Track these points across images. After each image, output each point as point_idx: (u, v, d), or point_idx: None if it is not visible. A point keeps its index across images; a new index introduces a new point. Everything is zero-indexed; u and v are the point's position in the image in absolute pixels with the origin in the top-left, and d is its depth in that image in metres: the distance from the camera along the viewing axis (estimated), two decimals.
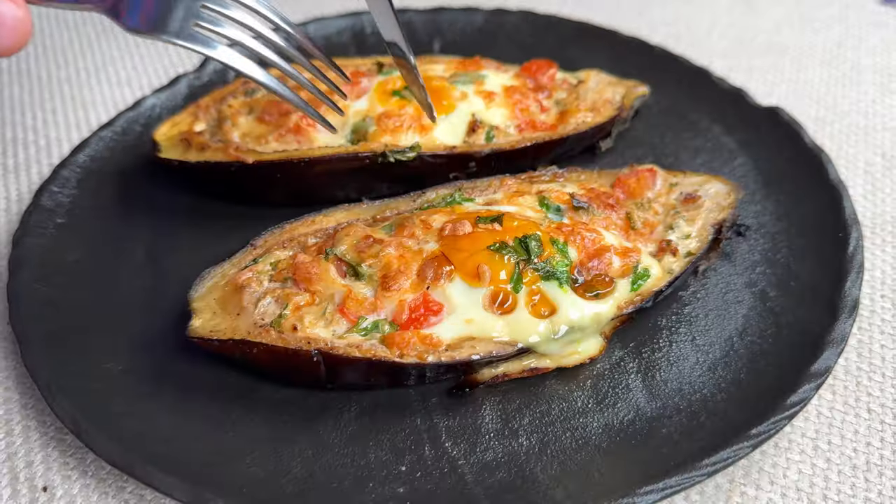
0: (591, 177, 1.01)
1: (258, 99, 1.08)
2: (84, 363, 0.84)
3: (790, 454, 0.80)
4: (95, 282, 0.93)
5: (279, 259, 0.88)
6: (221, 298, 0.85)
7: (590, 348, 0.85)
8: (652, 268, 0.88)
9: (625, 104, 1.10)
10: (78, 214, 1.00)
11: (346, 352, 0.78)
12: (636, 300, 0.86)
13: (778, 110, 1.11)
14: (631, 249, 0.89)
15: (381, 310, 0.81)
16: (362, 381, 0.81)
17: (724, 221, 0.95)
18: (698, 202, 0.96)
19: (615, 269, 0.86)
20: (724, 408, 0.80)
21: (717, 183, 0.99)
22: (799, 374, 0.81)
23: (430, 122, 1.01)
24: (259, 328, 0.80)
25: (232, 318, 0.82)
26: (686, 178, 1.01)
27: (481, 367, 0.82)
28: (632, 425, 0.80)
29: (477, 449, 0.78)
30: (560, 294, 0.83)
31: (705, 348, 0.87)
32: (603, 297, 0.85)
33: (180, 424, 0.79)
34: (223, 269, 0.88)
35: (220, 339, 0.80)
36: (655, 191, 0.99)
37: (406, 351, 0.78)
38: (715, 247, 0.95)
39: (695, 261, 0.91)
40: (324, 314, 0.81)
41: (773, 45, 1.39)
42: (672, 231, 0.93)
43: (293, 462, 0.77)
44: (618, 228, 0.92)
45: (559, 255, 0.84)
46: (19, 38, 0.66)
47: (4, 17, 0.65)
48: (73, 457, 0.80)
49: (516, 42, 1.30)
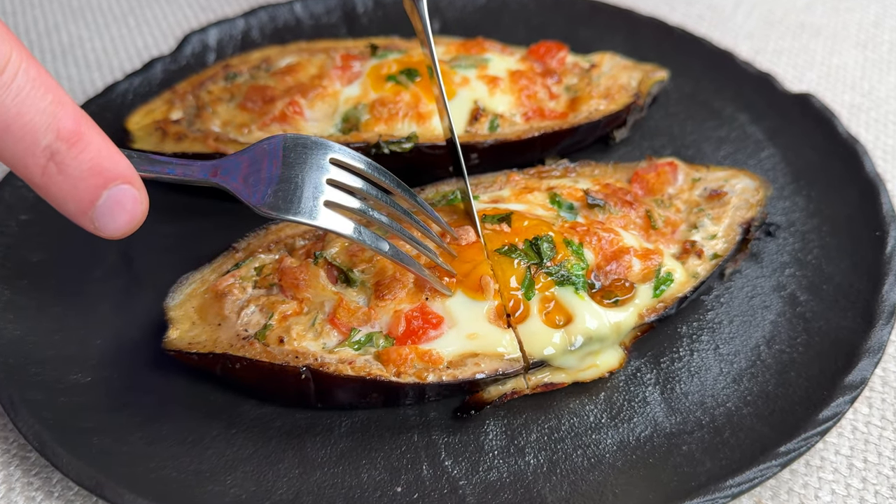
0: (606, 171, 1.00)
1: (239, 84, 1.08)
2: (49, 374, 0.83)
3: (822, 473, 0.80)
4: (62, 285, 0.92)
5: (264, 263, 0.88)
6: (201, 307, 0.84)
7: (609, 361, 0.84)
8: (675, 271, 0.88)
9: (641, 90, 1.10)
10: (43, 210, 0.99)
11: (338, 369, 0.77)
12: (659, 307, 0.85)
13: (809, 97, 1.11)
14: (652, 251, 0.88)
15: (375, 321, 0.81)
16: (355, 400, 0.81)
17: (753, 220, 0.94)
18: (724, 199, 0.96)
19: (636, 273, 0.86)
20: (750, 423, 0.80)
21: (745, 178, 0.99)
22: (832, 385, 0.81)
23: (427, 109, 1.01)
24: (242, 340, 0.80)
25: (212, 329, 0.82)
26: (710, 172, 1.00)
27: (488, 384, 0.81)
28: (649, 442, 0.80)
29: (479, 468, 0.78)
30: (576, 301, 0.82)
31: (730, 358, 0.87)
32: (623, 304, 0.84)
33: (154, 441, 0.79)
34: (203, 275, 0.88)
35: (200, 353, 0.80)
36: (677, 186, 0.98)
37: (403, 369, 0.78)
38: (743, 248, 0.94)
39: (722, 263, 0.91)
40: (313, 325, 0.81)
41: (803, 26, 1.38)
42: (696, 231, 0.93)
43: (278, 482, 0.76)
44: (637, 228, 0.91)
45: (574, 257, 0.84)
46: (135, 222, 0.68)
47: (125, 199, 0.66)
48: (38, 476, 0.80)
49: (523, 22, 1.29)
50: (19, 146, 0.62)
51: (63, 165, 0.63)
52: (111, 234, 0.68)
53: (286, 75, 1.07)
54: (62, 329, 0.88)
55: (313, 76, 1.06)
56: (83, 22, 1.41)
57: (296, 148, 0.76)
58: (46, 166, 0.63)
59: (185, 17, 1.43)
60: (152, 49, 1.35)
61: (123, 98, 1.14)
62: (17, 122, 0.61)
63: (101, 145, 0.65)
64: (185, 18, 1.43)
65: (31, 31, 1.38)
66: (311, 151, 0.76)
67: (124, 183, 0.67)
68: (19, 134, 0.62)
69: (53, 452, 0.75)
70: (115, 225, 0.67)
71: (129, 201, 0.67)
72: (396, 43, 1.17)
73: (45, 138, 0.62)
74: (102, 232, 0.68)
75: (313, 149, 0.77)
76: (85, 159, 0.64)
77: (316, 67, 1.08)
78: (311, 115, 1.03)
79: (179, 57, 1.19)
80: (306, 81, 1.06)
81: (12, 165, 0.64)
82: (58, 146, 0.63)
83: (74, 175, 0.64)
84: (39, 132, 0.62)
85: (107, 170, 0.65)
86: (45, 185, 0.64)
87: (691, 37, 1.23)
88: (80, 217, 0.67)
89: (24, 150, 0.62)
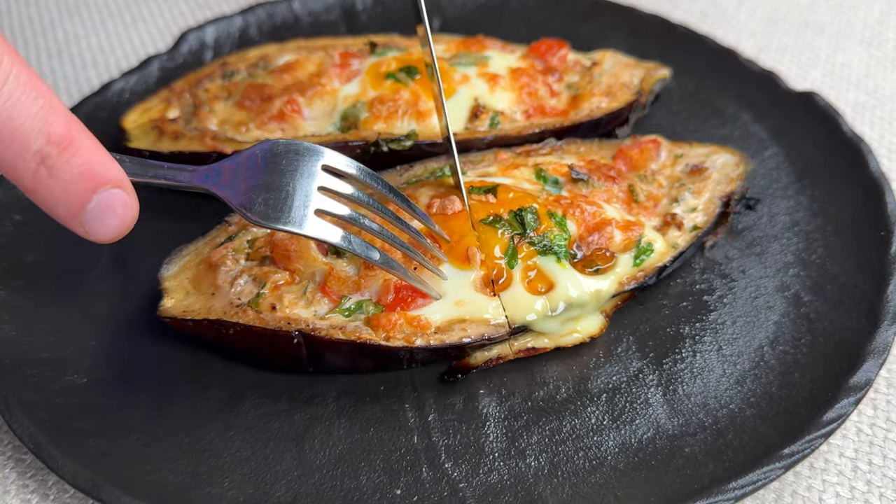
0: (591, 148, 1.03)
1: (237, 83, 1.08)
2: (45, 375, 0.83)
3: (827, 476, 0.80)
4: (56, 285, 0.93)
5: (256, 236, 0.90)
6: (195, 277, 0.87)
7: (590, 327, 0.87)
8: (656, 242, 0.91)
9: (644, 88, 1.10)
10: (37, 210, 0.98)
11: (329, 334, 0.80)
12: (639, 276, 0.89)
13: (813, 95, 1.11)
14: (633, 223, 0.92)
15: (364, 289, 0.84)
16: (346, 364, 0.83)
17: (733, 194, 0.97)
18: (705, 174, 0.99)
19: (617, 243, 0.90)
20: (753, 425, 0.80)
21: (725, 153, 1.02)
22: (836, 387, 0.81)
23: (427, 106, 1.01)
24: (235, 308, 0.83)
25: (206, 298, 0.84)
26: (692, 148, 1.03)
27: (474, 350, 0.84)
28: (651, 444, 0.80)
29: (480, 470, 0.78)
30: (558, 269, 0.85)
31: (733, 359, 0.87)
32: (604, 272, 0.88)
33: (151, 443, 0.79)
34: (196, 247, 0.91)
35: (195, 320, 0.82)
36: (660, 162, 1.02)
37: (392, 334, 0.81)
38: (723, 221, 0.97)
39: (701, 235, 0.94)
40: (304, 293, 0.83)
41: (807, 23, 1.39)
42: (677, 204, 0.96)
43: (276, 485, 0.76)
44: (619, 202, 0.95)
45: (557, 228, 0.87)
46: (126, 227, 0.69)
47: (115, 203, 0.67)
48: (33, 479, 0.80)
49: (524, 19, 1.29)
50: (9, 150, 0.63)
51: (54, 170, 0.64)
52: (101, 238, 0.68)
53: (284, 73, 1.07)
54: (58, 330, 0.88)
55: (312, 74, 1.06)
56: (79, 19, 1.41)
57: (287, 154, 0.77)
58: (37, 170, 0.64)
59: (181, 15, 1.44)
60: (149, 47, 1.36)
61: (119, 97, 1.14)
62: (8, 127, 0.62)
63: (91, 150, 0.66)
64: (182, 16, 1.43)
65: (26, 30, 1.38)
66: (303, 158, 0.77)
67: (115, 187, 0.67)
68: (9, 138, 0.62)
69: (49, 454, 0.75)
70: (106, 229, 0.68)
71: (120, 205, 0.68)
72: (396, 41, 1.17)
73: (35, 142, 0.63)
74: (93, 236, 0.68)
75: (305, 155, 0.78)
76: (76, 164, 0.64)
77: (314, 65, 1.08)
78: (310, 113, 1.03)
79: (176, 55, 1.20)
80: (305, 79, 1.06)
81: (3, 169, 0.64)
82: (48, 150, 0.63)
83: (65, 179, 0.64)
84: (30, 136, 0.63)
85: (97, 174, 0.66)
86: (36, 189, 0.65)
87: (694, 34, 1.23)
88: (70, 221, 0.67)
89: (14, 155, 0.63)
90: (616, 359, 0.87)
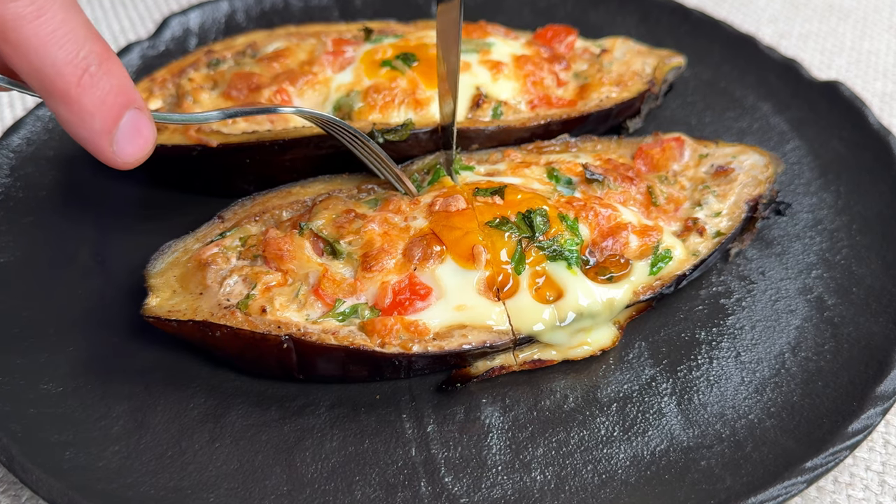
0: (609, 146, 1.02)
1: (223, 71, 1.08)
2: (17, 384, 0.83)
3: (852, 491, 0.80)
4: (31, 288, 0.92)
5: (249, 234, 0.90)
6: (183, 276, 0.87)
7: (601, 339, 0.87)
8: (675, 249, 0.90)
9: (656, 77, 1.10)
10: (10, 208, 1.00)
11: (321, 338, 0.80)
12: (655, 285, 0.87)
13: (837, 85, 1.11)
14: (651, 228, 0.91)
15: (360, 293, 0.83)
16: (338, 372, 0.83)
17: (760, 198, 0.96)
18: (731, 175, 0.98)
19: (632, 249, 0.89)
20: (773, 436, 0.80)
21: (754, 154, 1.01)
22: (862, 396, 0.81)
23: (425, 95, 1.01)
24: (224, 309, 0.82)
25: (194, 298, 0.84)
26: (718, 148, 1.02)
27: (475, 358, 0.84)
28: (665, 457, 0.80)
29: (482, 485, 0.78)
30: (568, 276, 0.85)
31: (752, 366, 0.87)
32: (617, 280, 0.87)
33: (131, 455, 0.79)
34: (186, 244, 0.90)
35: (179, 320, 0.82)
36: (683, 163, 1.01)
37: (388, 339, 0.81)
38: (749, 227, 0.96)
39: (725, 242, 0.92)
40: (296, 296, 0.83)
41: (832, 8, 1.39)
42: (700, 208, 0.95)
43: (265, 501, 0.76)
44: (637, 204, 0.94)
45: (568, 232, 0.86)
46: (147, 150, 0.74)
47: (142, 124, 0.72)
48: (6, 494, 0.80)
49: (529, 4, 1.30)
50: (61, 53, 0.67)
51: (95, 78, 0.69)
52: (125, 159, 0.72)
53: (273, 61, 1.07)
54: (31, 336, 0.88)
55: (303, 62, 1.06)
56: None
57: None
58: (82, 77, 0.68)
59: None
60: (129, 33, 1.36)
61: None
62: (63, 28, 0.67)
63: (123, 71, 0.72)
64: (165, 0, 1.43)
65: None
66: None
67: (139, 109, 0.72)
68: (63, 40, 0.67)
69: (23, 468, 0.75)
70: (132, 149, 0.72)
71: (146, 127, 0.73)
72: (392, 27, 1.17)
73: (83, 49, 0.68)
74: (118, 156, 0.72)
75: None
76: (113, 77, 0.70)
77: (305, 53, 1.08)
78: (301, 103, 1.03)
79: (158, 42, 1.20)
80: (295, 68, 1.06)
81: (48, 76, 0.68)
82: (92, 59, 0.69)
83: (104, 90, 0.69)
84: (80, 41, 0.68)
85: (129, 91, 0.71)
86: (79, 98, 0.69)
87: (710, 20, 1.23)
88: (101, 137, 0.71)
89: (65, 58, 0.68)
90: (627, 366, 0.87)
